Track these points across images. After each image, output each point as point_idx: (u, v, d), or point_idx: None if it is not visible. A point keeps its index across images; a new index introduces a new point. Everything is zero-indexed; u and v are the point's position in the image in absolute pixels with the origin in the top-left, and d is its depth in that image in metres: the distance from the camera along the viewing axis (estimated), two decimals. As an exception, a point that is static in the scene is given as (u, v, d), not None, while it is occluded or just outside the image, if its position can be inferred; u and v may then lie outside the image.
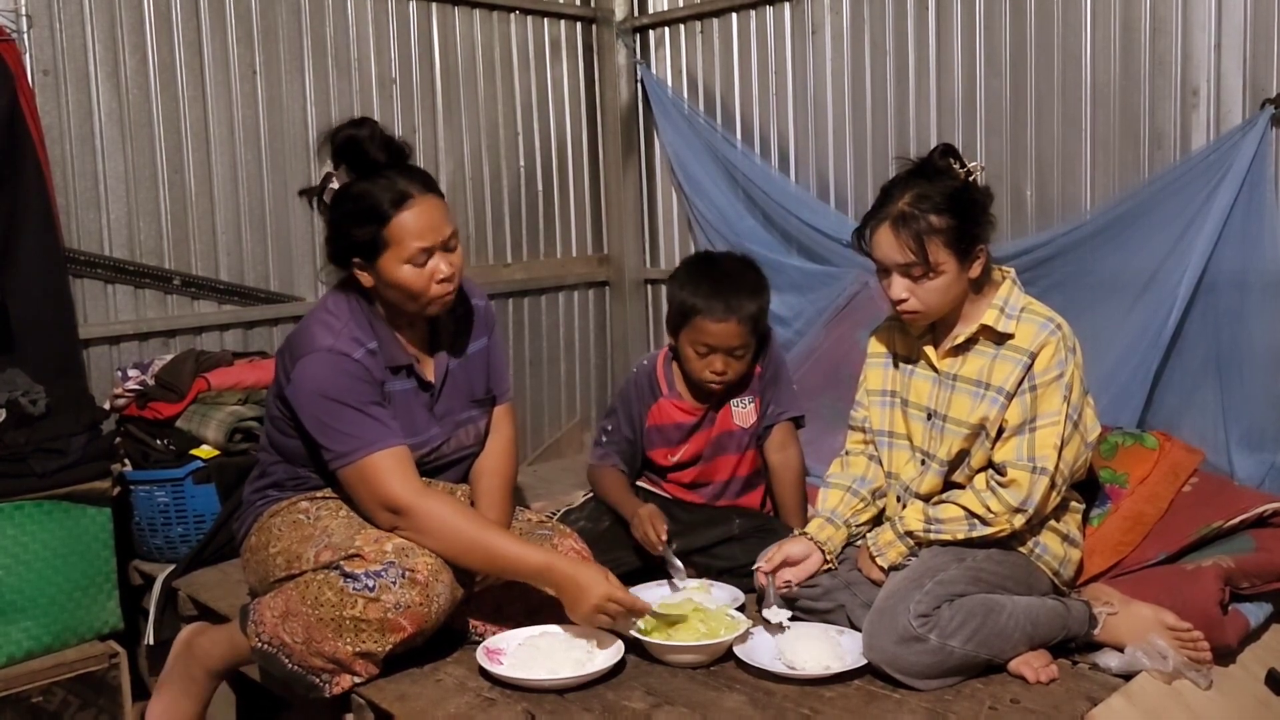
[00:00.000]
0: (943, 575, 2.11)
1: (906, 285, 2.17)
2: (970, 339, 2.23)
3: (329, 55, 3.67)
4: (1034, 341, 2.16)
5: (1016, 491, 2.14)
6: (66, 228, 3.11)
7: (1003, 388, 2.17)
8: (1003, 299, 2.22)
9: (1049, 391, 2.15)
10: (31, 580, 2.55)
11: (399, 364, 2.27)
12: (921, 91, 3.62)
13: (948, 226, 2.12)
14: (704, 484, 2.75)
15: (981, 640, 2.04)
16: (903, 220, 2.12)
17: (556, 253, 4.45)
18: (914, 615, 2.02)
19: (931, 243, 2.11)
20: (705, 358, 2.59)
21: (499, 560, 2.16)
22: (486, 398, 2.46)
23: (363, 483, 2.17)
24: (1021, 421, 2.16)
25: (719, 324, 2.55)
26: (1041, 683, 2.04)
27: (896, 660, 2.03)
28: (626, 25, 4.40)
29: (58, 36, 3.10)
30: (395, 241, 2.15)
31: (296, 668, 2.09)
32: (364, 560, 2.08)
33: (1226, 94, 3.01)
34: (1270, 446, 2.95)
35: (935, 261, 2.12)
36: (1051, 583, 2.27)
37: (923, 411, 2.31)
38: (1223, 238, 2.94)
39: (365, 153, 2.17)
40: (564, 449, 4.43)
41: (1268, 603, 2.37)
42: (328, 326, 2.21)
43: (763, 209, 4.03)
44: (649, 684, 2.12)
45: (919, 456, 2.32)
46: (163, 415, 2.98)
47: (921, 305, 2.18)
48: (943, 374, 2.28)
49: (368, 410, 2.17)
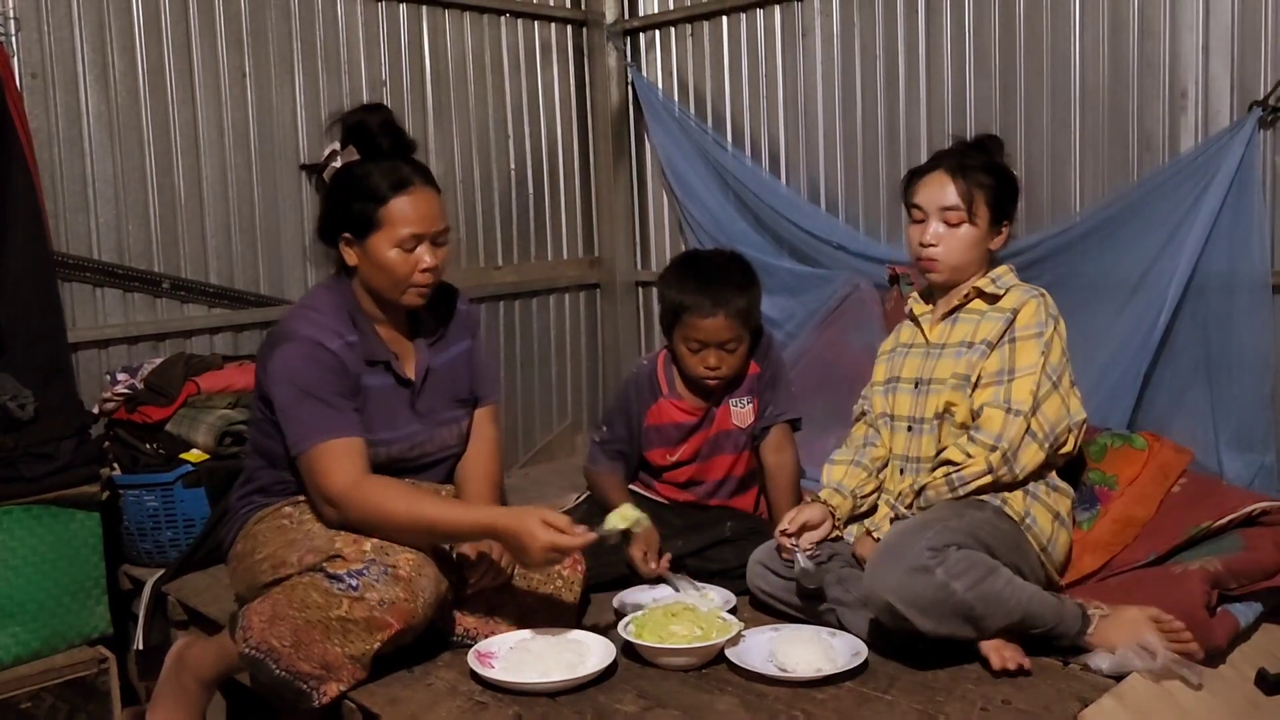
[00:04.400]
0: (946, 523, 2.16)
1: (939, 233, 2.35)
2: (961, 304, 2.41)
3: (319, 58, 3.67)
4: (1018, 301, 2.34)
5: (989, 428, 2.26)
6: (55, 231, 3.09)
7: (987, 339, 2.33)
8: (997, 275, 2.42)
9: (1027, 345, 2.30)
10: (20, 585, 2.54)
11: (377, 358, 2.28)
12: (911, 94, 3.63)
13: (994, 185, 2.36)
14: (698, 483, 2.76)
15: (980, 594, 2.05)
16: (961, 168, 2.35)
17: (547, 255, 4.44)
18: (925, 546, 2.07)
19: (978, 194, 2.34)
20: (699, 354, 2.62)
21: (440, 529, 2.14)
22: (470, 398, 2.46)
23: (308, 473, 2.19)
24: (999, 369, 2.30)
25: (708, 319, 2.58)
26: (1009, 670, 2.06)
27: (903, 589, 2.05)
28: (617, 28, 4.40)
29: (46, 40, 3.09)
30: (388, 223, 2.21)
31: (283, 673, 2.08)
32: (345, 561, 2.08)
33: (1214, 96, 3.03)
34: (1259, 447, 2.97)
35: (976, 211, 2.34)
36: (1040, 562, 2.29)
37: (910, 383, 2.43)
38: (1211, 239, 2.95)
39: (373, 137, 2.25)
40: (555, 451, 4.43)
41: (1257, 603, 2.37)
42: (307, 317, 2.25)
43: (754, 211, 4.04)
44: (641, 687, 2.12)
45: (905, 423, 2.43)
46: (152, 419, 2.97)
47: (946, 254, 2.36)
48: (932, 345, 2.44)
49: (330, 401, 2.18)
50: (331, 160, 2.29)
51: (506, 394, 4.27)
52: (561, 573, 2.36)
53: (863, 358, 3.12)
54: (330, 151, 2.30)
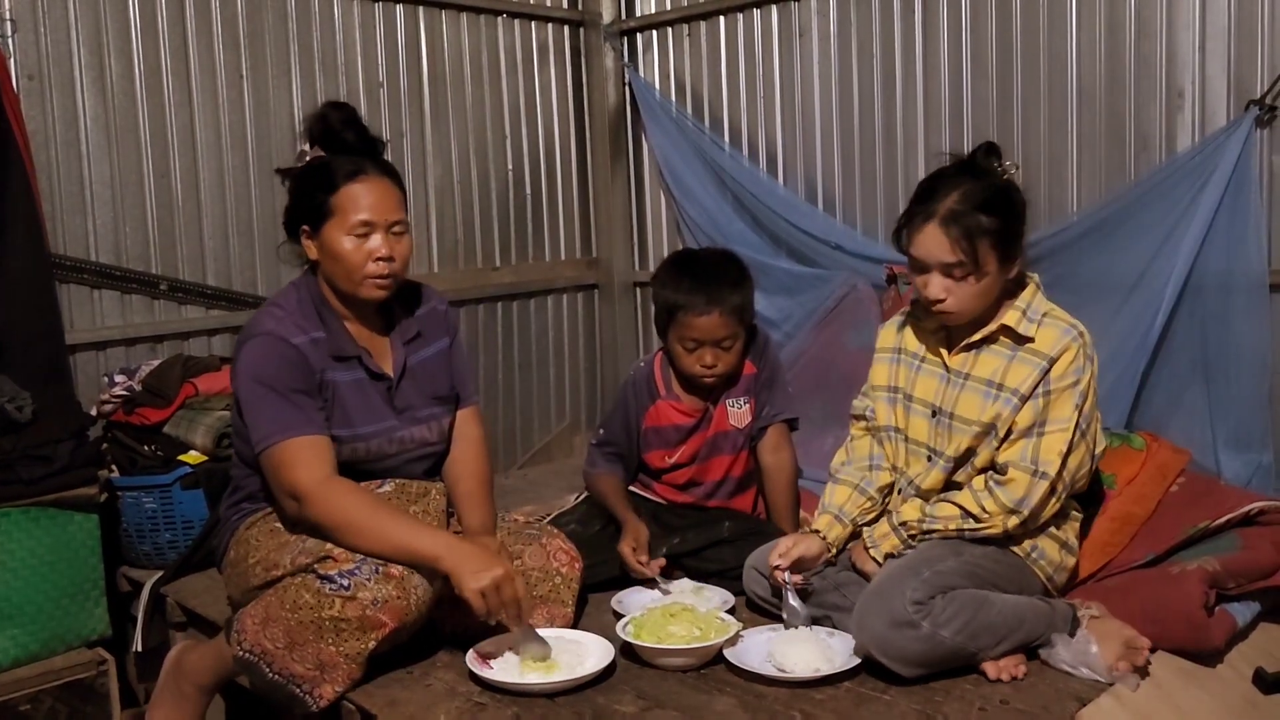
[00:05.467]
0: (940, 566, 2.11)
1: (946, 285, 2.13)
2: (987, 338, 2.22)
3: (316, 59, 3.67)
4: (1054, 346, 2.14)
5: (1013, 492, 2.14)
6: (52, 233, 3.09)
7: (1018, 390, 2.15)
8: (1025, 302, 2.20)
9: (1063, 398, 2.14)
10: (19, 588, 2.54)
11: (346, 354, 2.29)
12: (908, 94, 3.63)
13: (996, 227, 2.09)
14: (697, 484, 2.76)
15: (971, 633, 2.04)
16: (953, 218, 2.09)
17: (545, 256, 4.44)
18: (909, 601, 2.02)
19: (981, 243, 2.08)
20: (694, 352, 2.62)
21: (397, 543, 2.09)
22: (450, 396, 2.46)
23: (271, 469, 2.18)
24: (1031, 424, 2.15)
25: (702, 317, 2.57)
26: (1004, 680, 2.05)
27: (886, 644, 2.03)
28: (614, 28, 4.40)
29: (43, 41, 3.09)
30: (339, 210, 2.22)
31: (277, 676, 2.08)
32: (336, 561, 2.08)
33: (1211, 95, 3.03)
34: (1257, 446, 2.97)
35: (981, 261, 2.09)
36: (1043, 586, 2.27)
37: (927, 408, 2.30)
38: (1208, 239, 2.96)
39: (336, 133, 2.27)
40: (554, 452, 4.43)
41: (1255, 602, 2.38)
42: (271, 314, 2.26)
43: (751, 212, 4.04)
44: (639, 688, 2.12)
45: (925, 452, 2.31)
46: (150, 421, 2.97)
47: (958, 305, 2.15)
48: (953, 371, 2.26)
49: (291, 398, 2.18)
50: (301, 159, 2.31)
51: (505, 394, 4.28)
52: (560, 570, 2.36)
53: (860, 358, 3.10)
54: (300, 152, 2.32)
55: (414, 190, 3.91)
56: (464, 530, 2.37)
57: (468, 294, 4.10)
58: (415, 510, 2.29)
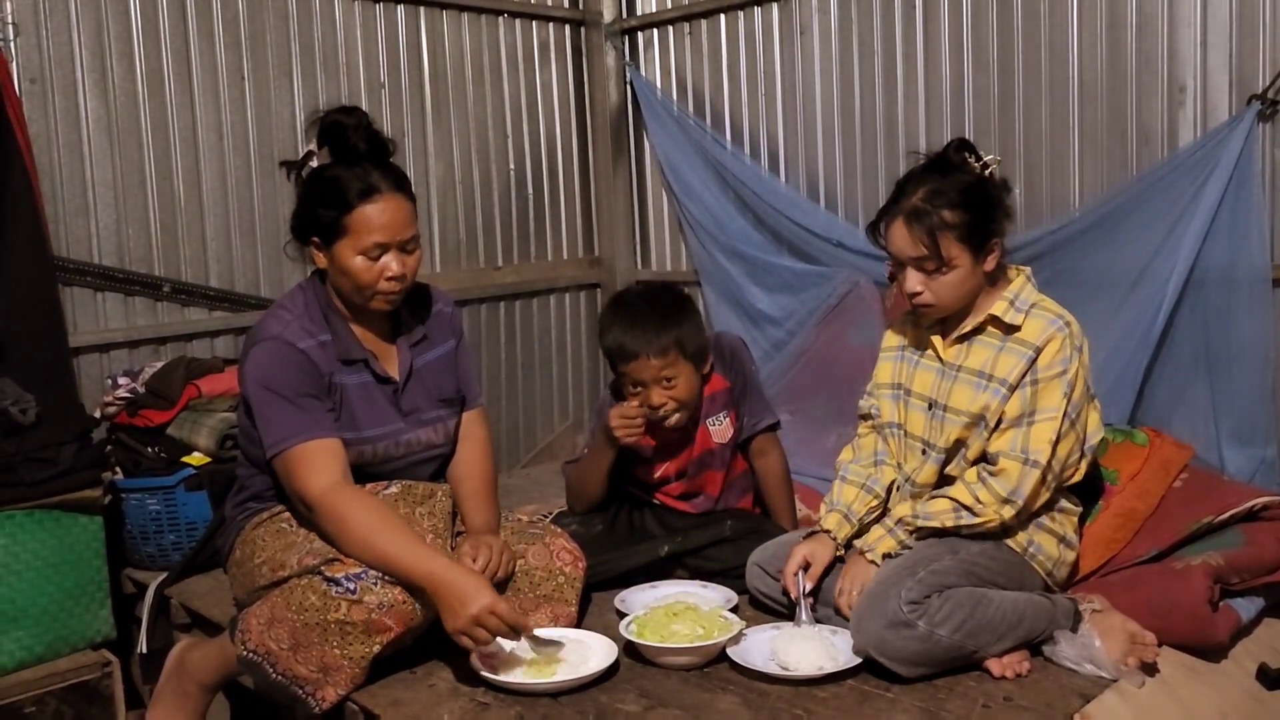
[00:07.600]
0: (936, 565, 2.12)
1: (921, 279, 2.20)
2: (976, 329, 2.25)
3: (317, 60, 3.67)
4: (1040, 336, 2.17)
5: (1005, 481, 2.16)
6: (55, 236, 3.10)
7: (1006, 380, 2.18)
8: (1014, 292, 2.24)
9: (1050, 387, 2.16)
10: (23, 590, 2.54)
11: (353, 357, 2.29)
12: (910, 91, 3.63)
13: (960, 221, 2.14)
14: (694, 495, 2.75)
15: (969, 631, 2.04)
16: (915, 215, 2.15)
17: (547, 255, 4.45)
18: (904, 601, 2.03)
19: (944, 238, 2.14)
20: (639, 394, 2.57)
21: (388, 561, 2.07)
22: (455, 398, 2.46)
23: (285, 475, 2.19)
24: (1020, 414, 2.18)
25: (633, 363, 2.54)
26: (1007, 678, 2.05)
27: (883, 644, 2.03)
28: (615, 27, 4.40)
29: (45, 45, 3.09)
30: (353, 231, 2.20)
31: (280, 678, 2.08)
32: (343, 564, 2.08)
33: (1213, 90, 3.02)
34: (1260, 441, 2.97)
35: (948, 256, 2.15)
36: (1043, 582, 2.27)
37: (924, 401, 2.32)
38: (1211, 234, 2.95)
39: (347, 139, 2.23)
40: (556, 452, 4.42)
41: (1259, 597, 2.38)
42: (278, 318, 2.26)
43: (753, 210, 4.04)
44: (642, 686, 2.12)
45: (920, 446, 2.33)
46: (154, 423, 2.97)
47: (935, 299, 2.21)
48: (947, 364, 2.29)
49: (299, 402, 2.18)
50: (308, 160, 2.29)
51: (507, 394, 4.28)
52: (563, 570, 2.36)
53: (863, 355, 3.11)
54: (307, 152, 2.30)
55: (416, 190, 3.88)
56: (468, 529, 2.37)
57: (470, 294, 4.10)
58: (421, 512, 2.29)
